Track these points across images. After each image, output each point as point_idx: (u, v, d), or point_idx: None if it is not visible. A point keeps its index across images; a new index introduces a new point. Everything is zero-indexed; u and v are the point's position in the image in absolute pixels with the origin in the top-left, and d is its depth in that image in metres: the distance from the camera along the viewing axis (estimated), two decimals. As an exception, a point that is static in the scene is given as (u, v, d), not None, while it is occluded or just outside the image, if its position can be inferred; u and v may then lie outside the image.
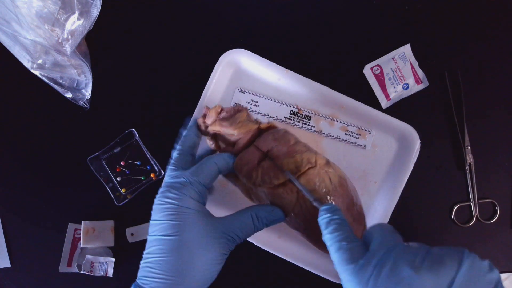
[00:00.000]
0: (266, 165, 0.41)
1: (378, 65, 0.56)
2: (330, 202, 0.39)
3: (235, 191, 0.50)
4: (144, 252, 0.38)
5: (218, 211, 0.52)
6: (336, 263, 0.32)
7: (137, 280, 0.37)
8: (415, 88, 0.56)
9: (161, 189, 0.40)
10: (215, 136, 0.47)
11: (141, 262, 0.38)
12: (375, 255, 0.30)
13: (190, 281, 0.36)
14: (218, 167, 0.41)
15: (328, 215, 0.34)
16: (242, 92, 0.55)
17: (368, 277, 0.29)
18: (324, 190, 0.39)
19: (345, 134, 0.54)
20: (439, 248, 0.29)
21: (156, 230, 0.37)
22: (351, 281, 0.30)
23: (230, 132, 0.44)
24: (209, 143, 0.48)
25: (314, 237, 0.41)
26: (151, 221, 0.38)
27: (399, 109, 0.56)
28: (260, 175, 0.41)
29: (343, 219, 0.34)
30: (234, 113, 0.45)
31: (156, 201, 0.39)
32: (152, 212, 0.39)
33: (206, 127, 0.46)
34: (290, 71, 0.53)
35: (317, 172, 0.40)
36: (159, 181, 0.56)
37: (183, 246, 0.36)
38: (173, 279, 0.35)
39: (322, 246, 0.41)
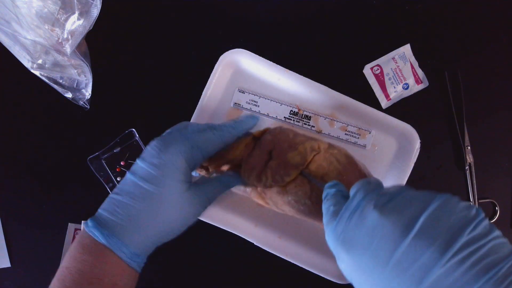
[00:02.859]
0: (273, 164, 0.41)
1: (378, 65, 0.56)
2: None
3: (241, 197, 0.50)
4: (118, 187, 0.38)
5: (225, 213, 0.52)
6: (324, 227, 0.32)
7: (99, 210, 0.37)
8: (415, 88, 0.56)
9: (164, 134, 0.40)
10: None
11: (111, 194, 0.37)
12: (348, 208, 0.29)
13: (150, 231, 0.36)
14: (222, 139, 0.41)
15: (326, 191, 0.34)
16: (242, 92, 0.55)
17: (342, 229, 0.28)
18: (335, 172, 0.40)
19: (345, 134, 0.54)
20: (417, 191, 0.28)
21: (138, 171, 0.37)
22: (329, 237, 0.30)
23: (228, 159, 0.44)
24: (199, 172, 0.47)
25: None
26: (137, 160, 0.38)
27: (399, 109, 0.56)
28: (270, 176, 0.41)
29: (339, 190, 0.33)
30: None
31: (153, 142, 0.39)
32: (145, 150, 0.38)
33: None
34: (290, 71, 0.53)
35: (323, 157, 0.41)
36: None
37: (155, 202, 0.36)
38: (131, 222, 0.35)
39: None
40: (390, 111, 0.55)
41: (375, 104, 0.56)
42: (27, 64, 0.53)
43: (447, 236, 0.24)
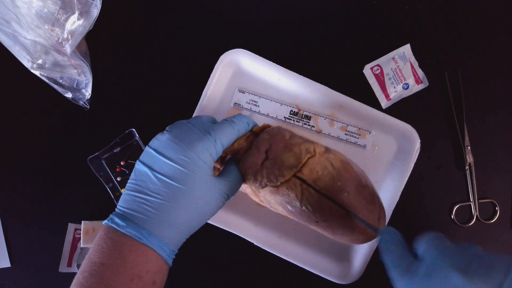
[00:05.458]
0: (269, 164, 0.41)
1: (378, 65, 0.56)
2: (384, 225, 0.41)
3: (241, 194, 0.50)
4: (141, 185, 0.37)
5: (225, 213, 0.52)
6: (392, 279, 0.33)
7: (124, 209, 0.36)
8: (415, 88, 0.56)
9: (183, 122, 0.40)
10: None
11: (130, 191, 0.37)
12: (423, 265, 0.31)
13: (182, 226, 0.37)
14: (238, 132, 0.42)
15: (382, 239, 0.36)
16: (242, 92, 0.55)
17: (419, 286, 0.30)
18: (328, 177, 0.40)
19: (345, 134, 0.54)
20: (486, 252, 0.30)
21: (163, 168, 0.37)
22: None
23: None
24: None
25: (329, 228, 0.41)
26: (155, 153, 0.37)
27: (399, 109, 0.56)
28: (266, 175, 0.41)
29: (398, 240, 0.35)
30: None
31: (172, 132, 0.38)
32: (162, 141, 0.38)
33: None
34: (290, 71, 0.53)
35: (317, 161, 0.41)
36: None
37: (187, 198, 0.36)
38: (165, 220, 0.36)
39: (339, 237, 0.42)
40: (390, 111, 0.55)
41: (375, 104, 0.56)
42: (27, 64, 0.53)
43: None
